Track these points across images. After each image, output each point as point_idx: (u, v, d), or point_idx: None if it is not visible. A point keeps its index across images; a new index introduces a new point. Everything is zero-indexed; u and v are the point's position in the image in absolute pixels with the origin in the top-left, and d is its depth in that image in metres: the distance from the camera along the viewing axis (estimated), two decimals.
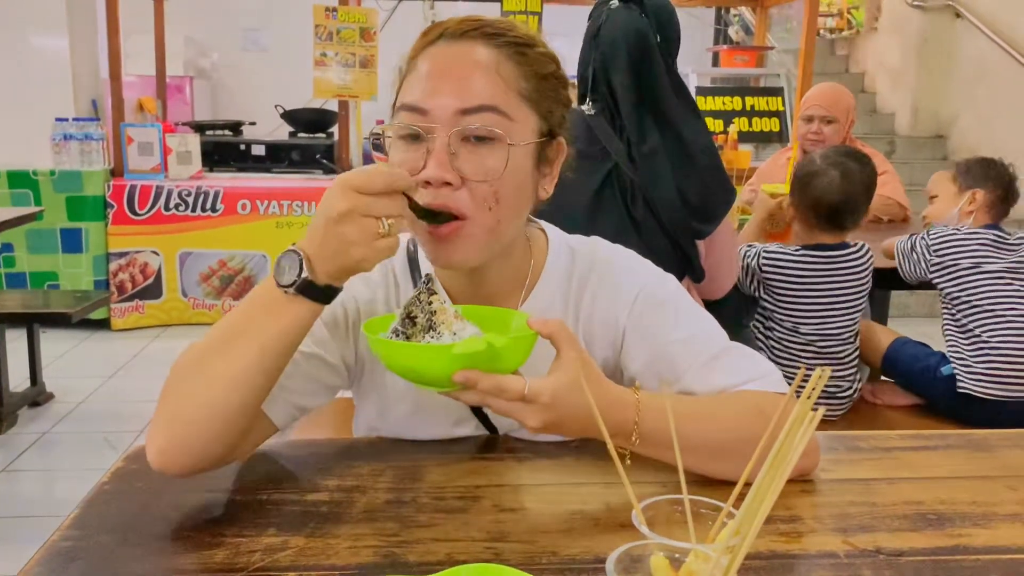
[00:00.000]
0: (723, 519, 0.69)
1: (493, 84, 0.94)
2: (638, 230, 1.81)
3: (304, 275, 0.83)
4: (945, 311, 2.24)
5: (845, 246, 2.19)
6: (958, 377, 2.10)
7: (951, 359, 2.15)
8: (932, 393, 2.20)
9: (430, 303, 0.88)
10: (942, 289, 2.23)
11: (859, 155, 2.27)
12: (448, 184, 0.91)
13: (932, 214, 2.46)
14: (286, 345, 0.88)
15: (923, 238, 2.28)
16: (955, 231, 2.26)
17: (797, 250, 2.20)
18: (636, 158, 1.81)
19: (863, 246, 2.22)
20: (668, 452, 0.89)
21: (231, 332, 0.88)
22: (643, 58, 1.82)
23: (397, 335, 0.89)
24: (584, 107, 1.88)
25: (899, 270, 2.32)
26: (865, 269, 2.20)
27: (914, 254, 2.28)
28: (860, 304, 2.21)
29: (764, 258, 2.19)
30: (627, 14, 1.86)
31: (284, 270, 0.84)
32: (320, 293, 0.85)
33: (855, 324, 2.22)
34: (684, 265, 1.88)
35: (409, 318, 0.89)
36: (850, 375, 2.22)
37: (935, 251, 2.23)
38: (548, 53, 1.00)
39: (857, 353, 2.25)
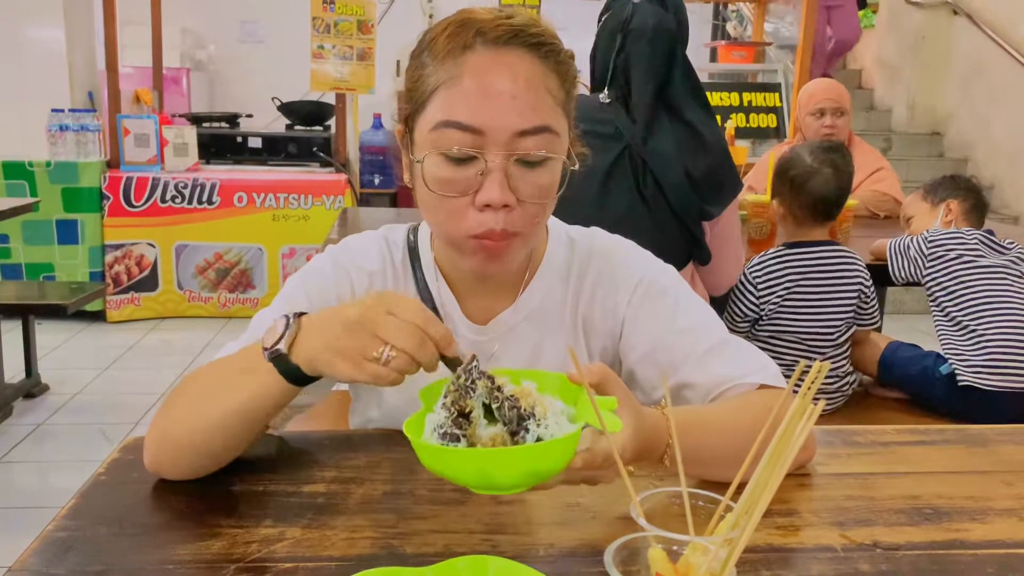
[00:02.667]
0: (721, 512, 0.69)
1: (544, 102, 0.92)
2: (648, 209, 1.83)
3: (280, 348, 0.82)
4: (936, 310, 2.24)
5: (832, 243, 2.22)
6: (957, 372, 2.10)
7: (947, 356, 2.16)
8: (933, 393, 2.20)
9: (499, 388, 0.75)
10: (937, 284, 2.23)
11: (837, 146, 2.30)
12: (506, 206, 0.91)
13: (912, 233, 2.48)
14: (262, 410, 0.88)
15: (919, 236, 2.29)
16: (951, 230, 2.29)
17: (780, 249, 2.22)
18: (647, 148, 1.83)
19: (836, 247, 2.24)
20: (692, 467, 0.88)
21: (219, 381, 0.90)
22: (669, 61, 1.85)
23: (455, 440, 0.74)
24: (601, 95, 1.90)
25: (890, 269, 2.33)
26: (852, 266, 2.22)
27: (911, 251, 2.29)
28: (850, 302, 2.21)
29: (752, 270, 2.22)
30: (652, 10, 1.87)
31: (272, 332, 0.83)
32: (291, 371, 0.83)
33: (845, 321, 2.22)
34: (691, 246, 1.91)
35: (463, 415, 0.75)
36: (840, 367, 2.23)
37: (931, 243, 2.25)
38: (571, 53, 0.99)
39: (848, 348, 2.26)
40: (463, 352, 0.80)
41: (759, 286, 2.19)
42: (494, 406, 0.74)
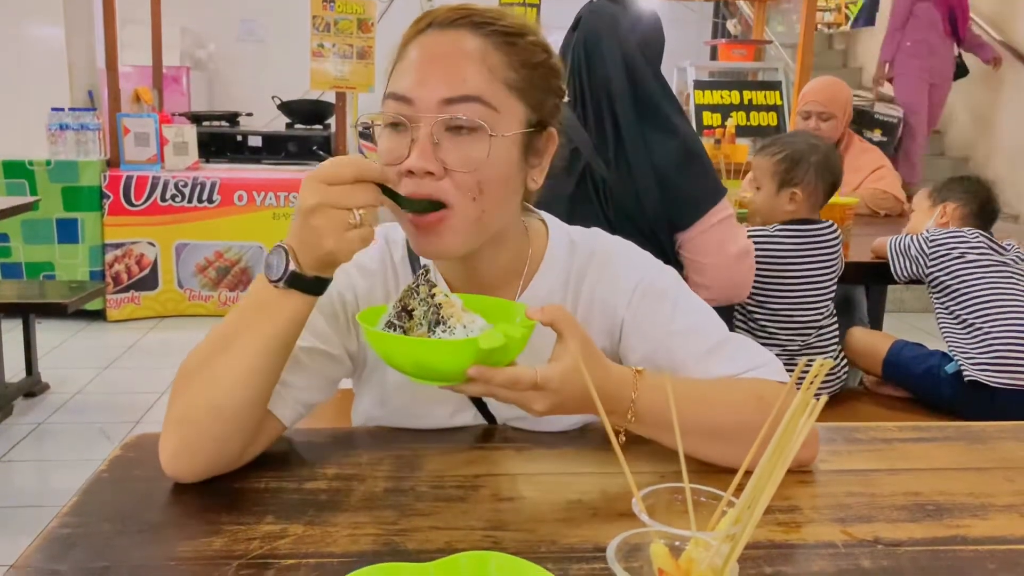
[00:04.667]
0: (723, 508, 0.69)
1: (478, 74, 0.93)
2: (613, 230, 1.81)
3: (291, 268, 0.85)
4: (940, 308, 2.24)
5: (818, 221, 2.23)
6: (964, 370, 2.10)
7: (952, 354, 2.15)
8: (939, 392, 2.19)
9: (432, 295, 0.86)
10: (939, 283, 2.23)
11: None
12: (430, 174, 0.91)
13: (909, 229, 2.48)
14: (284, 341, 0.89)
15: (920, 236, 2.29)
16: (952, 229, 2.29)
17: (775, 227, 2.21)
18: (623, 155, 1.79)
19: (831, 223, 2.25)
20: (663, 433, 0.92)
21: (230, 333, 0.90)
22: (629, 65, 1.79)
23: (392, 328, 0.86)
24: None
25: (892, 268, 2.32)
26: (835, 242, 2.23)
27: (911, 250, 2.29)
28: (833, 277, 2.22)
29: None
30: (611, 7, 1.83)
31: (272, 266, 0.86)
32: (310, 284, 0.87)
33: (830, 301, 2.23)
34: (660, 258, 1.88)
35: (406, 311, 0.87)
36: (831, 348, 2.24)
37: (932, 243, 2.24)
38: (539, 42, 0.99)
39: (836, 333, 2.27)
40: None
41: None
42: (421, 308, 0.86)
